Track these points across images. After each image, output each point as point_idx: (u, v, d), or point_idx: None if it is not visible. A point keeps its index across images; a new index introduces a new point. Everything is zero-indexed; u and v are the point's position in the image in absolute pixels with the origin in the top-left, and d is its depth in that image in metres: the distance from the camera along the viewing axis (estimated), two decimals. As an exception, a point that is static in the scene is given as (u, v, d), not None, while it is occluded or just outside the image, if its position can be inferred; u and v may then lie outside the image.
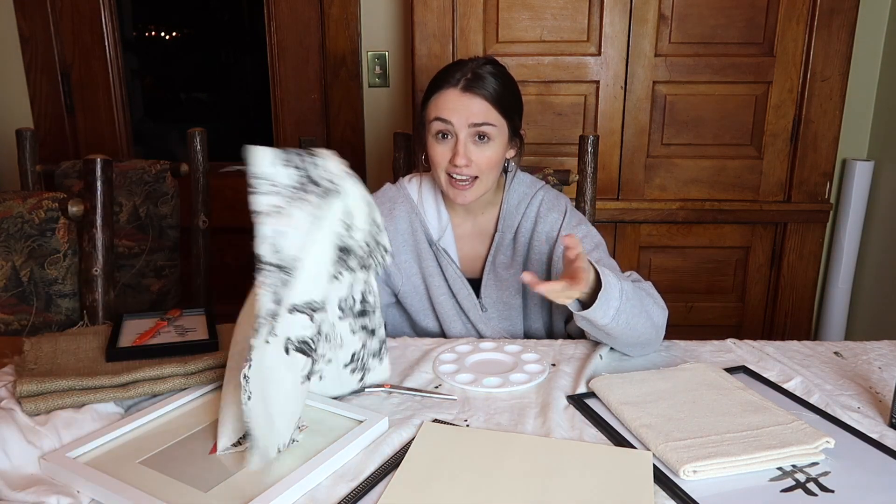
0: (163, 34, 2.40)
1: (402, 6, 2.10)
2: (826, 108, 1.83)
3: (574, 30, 1.82)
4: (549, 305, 1.28)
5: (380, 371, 0.97)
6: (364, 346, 0.94)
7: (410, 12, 1.82)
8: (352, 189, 0.86)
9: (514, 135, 1.23)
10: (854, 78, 1.96)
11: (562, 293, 0.93)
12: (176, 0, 2.37)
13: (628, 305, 0.99)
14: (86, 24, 2.25)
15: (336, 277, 0.87)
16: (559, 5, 1.80)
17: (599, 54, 1.82)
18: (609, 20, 1.80)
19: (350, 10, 2.12)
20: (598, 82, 1.84)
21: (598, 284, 0.96)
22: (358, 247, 0.88)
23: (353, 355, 0.93)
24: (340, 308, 0.90)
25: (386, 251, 0.91)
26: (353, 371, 0.94)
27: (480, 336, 1.25)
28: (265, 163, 0.79)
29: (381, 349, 0.96)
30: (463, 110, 1.15)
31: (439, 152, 1.19)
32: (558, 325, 1.29)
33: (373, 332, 0.94)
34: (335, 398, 0.94)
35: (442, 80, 1.18)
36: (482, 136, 1.17)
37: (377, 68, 2.17)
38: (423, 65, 1.84)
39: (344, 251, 0.87)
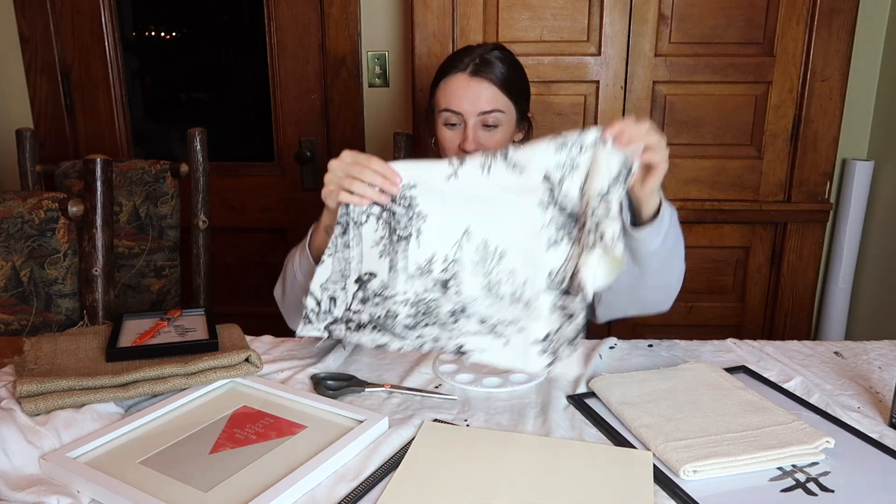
0: (163, 34, 2.40)
1: (402, 6, 2.10)
2: (826, 108, 1.83)
3: (574, 30, 1.82)
4: None
5: (568, 364, 0.94)
6: (559, 329, 0.90)
7: (410, 12, 1.82)
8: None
9: (522, 118, 1.26)
10: (854, 78, 1.96)
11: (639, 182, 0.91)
12: (176, 0, 2.37)
13: (673, 231, 0.98)
14: (86, 24, 2.25)
15: (556, 244, 0.88)
16: (559, 5, 1.80)
17: (599, 54, 1.82)
18: (609, 20, 1.80)
19: (350, 10, 2.12)
20: (597, 82, 1.84)
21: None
22: (589, 217, 0.86)
23: (546, 335, 0.90)
24: (550, 279, 0.89)
25: (614, 245, 0.85)
26: (542, 352, 0.90)
27: None
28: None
29: (575, 338, 0.90)
30: (472, 97, 1.18)
31: (449, 138, 1.22)
32: None
33: (571, 317, 0.90)
34: (512, 374, 0.96)
35: (450, 65, 1.21)
36: (491, 122, 1.20)
37: (377, 68, 2.17)
38: (423, 65, 1.84)
39: (571, 216, 0.88)
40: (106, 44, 2.27)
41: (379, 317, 0.94)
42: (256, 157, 2.37)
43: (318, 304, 0.94)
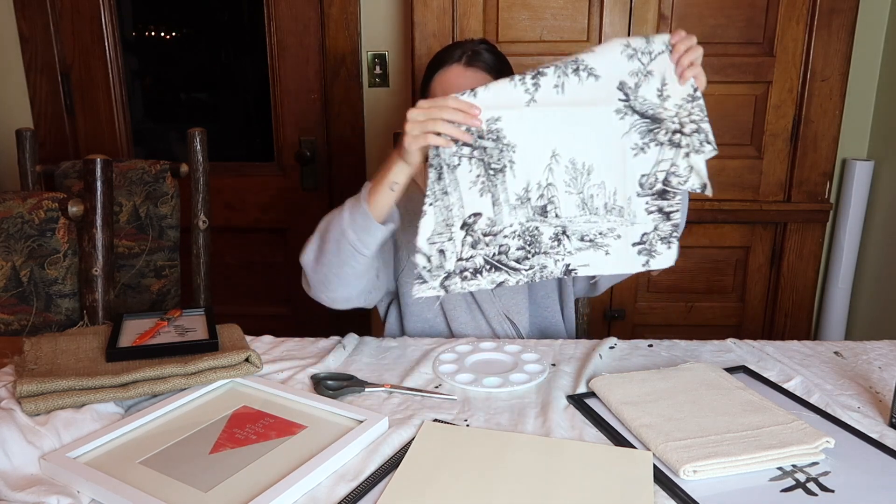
0: (163, 34, 2.40)
1: (402, 6, 2.10)
2: (826, 108, 1.83)
3: (574, 30, 1.82)
4: (557, 281, 1.31)
5: (665, 257, 0.97)
6: (656, 228, 0.95)
7: (410, 12, 1.82)
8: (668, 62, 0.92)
9: None
10: (854, 78, 1.96)
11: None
12: (176, 0, 2.37)
13: None
14: (86, 24, 2.25)
15: (643, 150, 0.92)
16: (559, 5, 1.80)
17: (599, 54, 1.82)
18: (609, 20, 1.79)
19: (350, 10, 2.12)
20: (598, 82, 1.84)
21: None
22: (669, 119, 0.91)
23: (642, 235, 0.95)
24: (640, 184, 0.93)
25: (708, 142, 0.92)
26: (639, 252, 0.96)
27: (483, 315, 1.26)
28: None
29: (671, 234, 0.96)
30: (468, 86, 1.17)
31: None
32: (567, 298, 1.32)
33: (668, 216, 0.95)
34: (617, 274, 1.00)
35: (443, 58, 1.22)
36: None
37: (377, 68, 2.17)
38: (423, 65, 1.83)
39: (654, 120, 0.91)
40: (106, 44, 2.27)
41: (494, 255, 0.96)
42: (256, 157, 2.37)
43: (429, 259, 0.95)
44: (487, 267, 0.96)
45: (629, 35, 1.79)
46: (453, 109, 0.91)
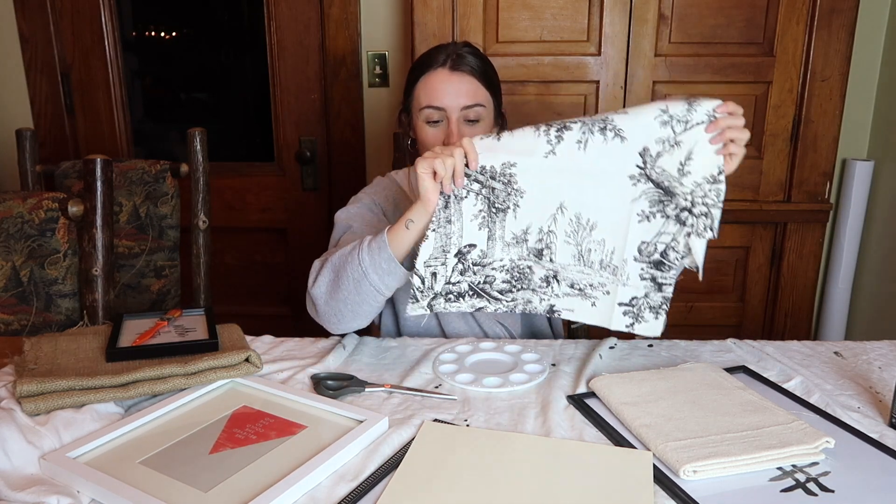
0: (163, 34, 2.40)
1: (402, 6, 2.10)
2: (826, 108, 1.83)
3: (574, 30, 1.82)
4: None
5: (652, 326, 0.98)
6: (646, 295, 0.97)
7: (410, 12, 1.82)
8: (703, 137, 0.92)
9: (499, 114, 1.27)
10: (854, 78, 1.96)
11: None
12: (176, 0, 2.37)
13: None
14: (86, 24, 2.25)
15: (648, 218, 0.94)
16: (559, 5, 1.80)
17: (599, 54, 1.82)
18: (609, 20, 1.79)
19: (350, 10, 2.12)
20: (597, 82, 1.84)
21: None
22: (683, 195, 0.92)
23: (632, 299, 0.97)
24: (639, 250, 0.95)
25: (712, 228, 0.93)
26: (624, 313, 0.98)
27: (476, 321, 1.26)
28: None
29: (661, 306, 0.98)
30: (453, 92, 1.18)
31: (431, 135, 1.21)
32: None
33: (660, 287, 0.97)
34: (600, 329, 1.00)
35: (427, 63, 1.21)
36: (474, 117, 1.19)
37: (377, 68, 2.17)
38: (423, 65, 1.84)
39: (667, 192, 0.92)
40: (106, 44, 2.27)
41: (478, 283, 0.99)
42: (256, 157, 2.37)
43: (423, 281, 0.98)
44: (471, 293, 1.00)
45: (629, 35, 1.80)
46: (465, 154, 0.95)
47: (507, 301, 1.00)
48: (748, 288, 1.98)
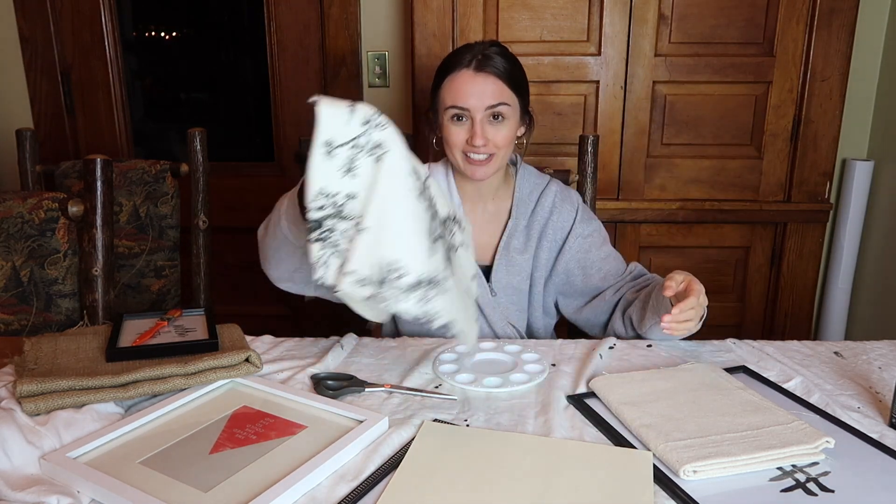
0: (163, 34, 2.40)
1: (402, 6, 2.10)
2: (826, 108, 1.83)
3: (574, 30, 1.82)
4: (552, 291, 1.33)
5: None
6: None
7: (410, 12, 1.82)
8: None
9: (525, 112, 1.28)
10: (854, 78, 1.96)
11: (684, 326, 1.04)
12: (176, 0, 2.37)
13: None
14: (86, 24, 2.25)
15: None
16: (559, 5, 1.80)
17: (599, 54, 1.82)
18: (609, 20, 1.80)
19: (350, 10, 2.12)
20: (597, 82, 1.84)
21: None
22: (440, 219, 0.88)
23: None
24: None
25: (460, 226, 0.92)
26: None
27: (487, 321, 1.28)
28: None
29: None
30: (478, 92, 1.19)
31: (455, 133, 1.22)
32: (566, 307, 1.34)
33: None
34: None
35: (453, 62, 1.22)
36: (497, 116, 1.21)
37: (377, 68, 2.17)
38: (423, 65, 1.84)
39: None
40: (106, 44, 2.27)
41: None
42: (256, 157, 2.37)
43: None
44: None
45: (629, 35, 1.80)
46: None
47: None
48: (748, 288, 1.98)
